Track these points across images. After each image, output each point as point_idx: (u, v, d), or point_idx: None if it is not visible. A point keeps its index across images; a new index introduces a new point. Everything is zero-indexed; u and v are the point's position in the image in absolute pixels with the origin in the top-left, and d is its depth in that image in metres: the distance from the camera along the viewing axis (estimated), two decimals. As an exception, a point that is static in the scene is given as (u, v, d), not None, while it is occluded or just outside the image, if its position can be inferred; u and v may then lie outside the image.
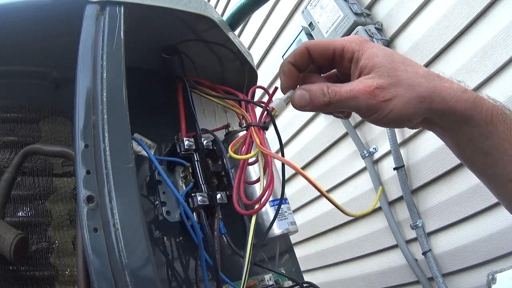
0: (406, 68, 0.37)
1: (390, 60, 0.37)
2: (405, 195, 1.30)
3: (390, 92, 0.35)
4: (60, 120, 0.59)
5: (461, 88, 0.37)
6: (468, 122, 0.37)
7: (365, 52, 0.37)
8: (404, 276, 1.40)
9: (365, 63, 0.37)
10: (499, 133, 0.37)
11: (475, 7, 1.03)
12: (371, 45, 0.38)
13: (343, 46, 0.38)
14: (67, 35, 0.42)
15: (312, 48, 0.39)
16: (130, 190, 0.35)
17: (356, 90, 0.36)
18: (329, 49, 0.39)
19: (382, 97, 0.35)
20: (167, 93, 0.64)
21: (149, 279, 0.33)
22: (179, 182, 0.59)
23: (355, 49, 0.38)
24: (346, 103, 0.37)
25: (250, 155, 0.42)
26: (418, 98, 0.36)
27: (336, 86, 0.37)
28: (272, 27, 1.80)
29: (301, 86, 0.39)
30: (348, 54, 0.38)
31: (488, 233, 1.09)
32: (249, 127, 0.42)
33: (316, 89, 0.37)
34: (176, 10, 0.51)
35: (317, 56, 0.39)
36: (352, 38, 0.39)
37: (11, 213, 0.52)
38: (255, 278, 0.59)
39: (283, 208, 0.58)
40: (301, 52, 0.39)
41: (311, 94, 0.37)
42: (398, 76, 0.36)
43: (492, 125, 0.37)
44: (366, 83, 0.36)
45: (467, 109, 0.36)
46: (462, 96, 0.36)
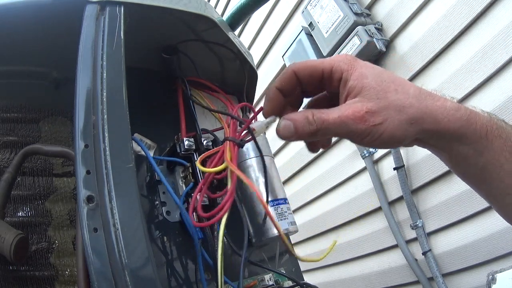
0: (396, 88, 0.35)
1: (379, 80, 0.36)
2: (405, 195, 1.30)
3: (380, 116, 0.34)
4: (60, 120, 0.59)
5: (454, 106, 0.36)
6: (461, 140, 0.36)
7: (353, 72, 0.36)
8: (404, 276, 1.40)
9: (353, 84, 0.36)
10: (495, 148, 0.36)
11: (475, 7, 1.03)
12: (360, 65, 0.37)
13: (332, 66, 0.37)
14: (67, 35, 0.42)
15: (300, 70, 0.38)
16: (130, 190, 0.35)
17: (345, 116, 0.35)
18: (317, 70, 0.38)
19: (372, 121, 0.34)
20: (167, 93, 0.64)
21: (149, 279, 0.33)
22: (179, 182, 0.59)
23: (343, 69, 0.37)
24: (334, 130, 0.36)
25: (215, 169, 0.42)
26: (409, 120, 0.35)
27: (322, 113, 0.36)
28: (272, 27, 1.80)
29: (285, 116, 0.37)
30: (336, 74, 0.37)
31: (488, 233, 1.09)
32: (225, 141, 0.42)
33: (300, 119, 0.36)
34: (176, 10, 0.51)
35: (306, 78, 0.38)
36: (340, 57, 0.38)
37: (11, 213, 0.52)
38: (255, 278, 0.58)
39: (283, 208, 0.58)
40: (288, 76, 0.38)
41: (296, 124, 0.36)
42: (388, 98, 0.35)
43: (487, 141, 0.36)
44: (355, 108, 0.35)
45: (460, 128, 0.35)
46: (455, 114, 0.35)
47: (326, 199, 1.72)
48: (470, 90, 1.08)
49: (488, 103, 1.05)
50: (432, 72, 1.19)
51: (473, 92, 1.08)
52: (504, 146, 0.36)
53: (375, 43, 1.24)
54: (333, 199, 1.67)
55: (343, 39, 1.31)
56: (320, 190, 1.72)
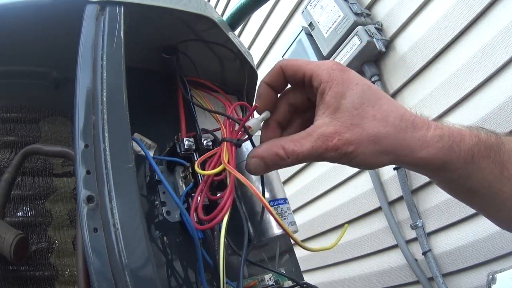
0: (374, 114, 0.34)
1: (357, 103, 0.34)
2: (405, 195, 1.30)
3: (351, 144, 0.33)
4: (60, 120, 0.59)
5: (436, 134, 0.34)
6: (444, 168, 0.35)
7: (332, 87, 0.34)
8: (404, 276, 1.40)
9: (330, 101, 0.34)
10: (482, 170, 0.35)
11: (475, 7, 1.03)
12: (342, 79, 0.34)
13: (312, 72, 0.35)
14: (67, 35, 0.42)
15: (286, 67, 0.37)
16: (130, 190, 0.35)
17: (318, 146, 0.33)
18: (300, 71, 0.36)
19: (344, 149, 0.33)
20: (167, 93, 0.64)
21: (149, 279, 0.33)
22: (179, 182, 0.59)
23: (323, 79, 0.35)
24: (309, 159, 0.35)
25: (212, 172, 0.42)
26: (382, 152, 0.34)
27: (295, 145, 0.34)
28: (272, 27, 1.80)
29: (252, 153, 0.36)
30: (315, 83, 0.35)
31: (488, 233, 1.09)
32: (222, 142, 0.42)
33: (269, 155, 0.35)
34: (176, 10, 0.51)
35: (290, 77, 0.38)
36: (326, 65, 0.35)
37: (11, 213, 0.52)
38: (255, 278, 0.59)
39: (283, 208, 0.58)
40: (276, 71, 0.38)
41: (266, 161, 0.35)
42: (363, 125, 0.33)
43: (473, 164, 0.35)
44: (327, 135, 0.33)
45: (442, 157, 0.34)
46: (435, 145, 0.34)
47: (326, 199, 1.72)
48: (470, 90, 1.08)
49: (488, 103, 1.05)
50: (432, 72, 1.19)
51: (473, 92, 1.08)
52: (493, 164, 0.35)
53: (375, 43, 1.24)
54: (333, 199, 1.67)
55: (343, 39, 1.31)
56: (320, 190, 1.72)
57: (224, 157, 0.40)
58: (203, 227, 0.43)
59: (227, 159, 0.40)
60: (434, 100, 1.19)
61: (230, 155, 0.41)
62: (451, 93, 1.13)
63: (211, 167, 0.43)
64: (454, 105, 1.13)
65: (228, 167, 0.40)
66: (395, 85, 1.30)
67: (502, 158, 0.36)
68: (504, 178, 0.36)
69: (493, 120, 1.04)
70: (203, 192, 0.44)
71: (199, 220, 0.44)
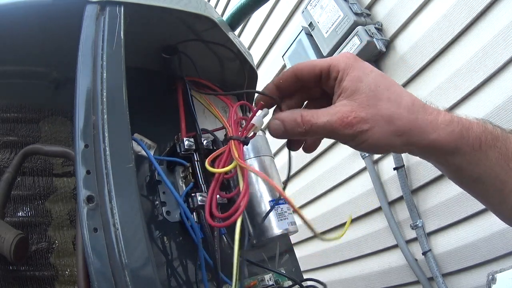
0: (389, 96, 0.35)
1: (373, 86, 0.35)
2: (405, 195, 1.30)
3: (367, 123, 0.34)
4: (60, 120, 0.59)
5: (446, 119, 0.36)
6: (453, 153, 0.36)
7: (349, 73, 0.36)
8: (404, 276, 1.40)
9: (347, 85, 0.36)
10: (489, 159, 0.36)
11: (475, 7, 1.03)
12: (358, 66, 0.36)
13: (329, 64, 0.37)
14: (67, 35, 0.42)
15: (299, 70, 0.39)
16: (130, 190, 0.35)
17: (333, 121, 0.35)
18: (316, 68, 0.38)
19: (359, 127, 0.34)
20: (167, 93, 0.64)
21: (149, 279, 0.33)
22: (179, 182, 0.59)
23: (340, 67, 0.37)
24: (322, 132, 0.36)
25: (225, 169, 0.42)
26: (396, 132, 0.35)
27: (312, 116, 0.36)
28: (272, 27, 1.80)
29: (275, 116, 0.38)
30: (333, 73, 0.37)
31: (488, 233, 1.09)
32: (229, 140, 0.43)
33: (289, 120, 0.37)
34: (176, 10, 0.51)
35: (305, 76, 0.39)
36: (341, 56, 0.38)
37: (11, 213, 0.52)
38: (255, 278, 0.59)
39: (283, 208, 0.58)
40: (287, 76, 0.39)
41: (285, 124, 0.37)
42: (378, 105, 0.35)
43: (481, 152, 0.36)
44: (343, 112, 0.35)
45: (451, 141, 0.35)
46: (446, 128, 0.35)
47: (326, 199, 1.72)
48: (470, 90, 1.08)
49: (488, 103, 1.05)
50: (432, 72, 1.19)
51: (473, 92, 1.08)
52: (499, 155, 0.36)
53: (375, 43, 1.24)
54: (333, 199, 1.67)
55: (343, 39, 1.31)
56: (320, 190, 1.72)
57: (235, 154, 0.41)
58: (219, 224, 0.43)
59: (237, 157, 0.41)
60: (434, 100, 1.18)
61: (239, 152, 0.42)
62: (451, 93, 1.13)
63: (221, 165, 0.43)
64: (454, 105, 1.13)
65: (242, 163, 0.40)
66: (395, 85, 1.30)
67: (507, 150, 0.36)
68: (510, 170, 0.36)
69: (493, 120, 1.03)
70: (215, 191, 0.44)
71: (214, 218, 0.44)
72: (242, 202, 0.41)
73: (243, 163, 0.41)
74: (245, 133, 0.43)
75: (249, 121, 0.42)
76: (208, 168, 0.43)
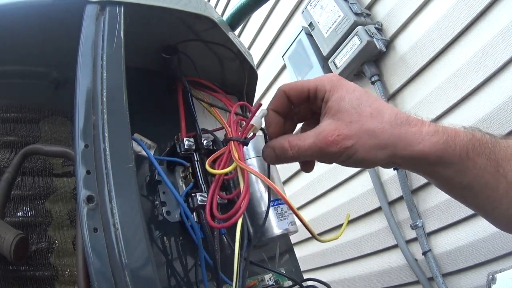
0: (371, 112, 0.36)
1: (356, 104, 0.37)
2: (405, 195, 1.30)
3: (351, 139, 0.36)
4: (60, 120, 0.59)
5: (430, 130, 0.36)
6: (440, 164, 0.36)
7: (334, 93, 0.38)
8: (404, 276, 1.40)
9: (331, 105, 0.37)
10: (478, 166, 0.36)
11: (475, 7, 1.03)
12: (342, 86, 0.38)
13: (316, 86, 0.39)
14: (67, 35, 0.42)
15: (288, 90, 0.40)
16: (130, 190, 0.35)
17: (318, 141, 0.36)
18: (303, 90, 0.40)
19: (343, 144, 0.36)
20: (167, 93, 0.64)
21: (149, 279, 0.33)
22: (179, 182, 0.59)
23: (327, 89, 0.38)
24: (310, 154, 0.37)
25: (225, 170, 0.43)
26: (379, 146, 0.36)
27: (298, 140, 0.38)
28: (272, 27, 1.80)
29: (267, 144, 0.40)
30: (320, 94, 0.39)
31: (488, 233, 1.09)
32: (229, 141, 0.43)
33: (278, 146, 0.39)
34: (176, 10, 0.51)
35: (295, 97, 0.40)
36: (326, 77, 0.39)
37: (11, 213, 0.52)
38: (255, 278, 0.59)
39: (283, 208, 0.58)
40: (280, 96, 0.41)
41: (276, 151, 0.39)
42: (361, 122, 0.36)
43: (468, 160, 0.36)
44: (328, 131, 0.36)
45: (437, 151, 0.36)
46: (430, 139, 0.36)
47: (326, 199, 1.72)
48: (470, 90, 1.08)
49: (488, 103, 1.05)
50: (432, 72, 1.19)
51: (473, 92, 1.08)
52: (488, 161, 0.36)
53: (375, 43, 1.24)
54: (333, 199, 1.67)
55: (343, 39, 1.31)
56: (320, 190, 1.72)
57: (235, 155, 0.41)
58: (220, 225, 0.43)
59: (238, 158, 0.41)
60: (434, 100, 1.19)
61: (239, 153, 0.42)
62: (451, 93, 1.13)
63: (221, 166, 0.44)
64: (454, 105, 1.13)
65: (242, 164, 0.40)
66: (395, 85, 1.30)
67: (496, 156, 0.37)
68: (500, 176, 0.36)
69: (493, 120, 1.04)
70: (216, 192, 0.44)
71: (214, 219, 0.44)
72: (243, 203, 0.41)
73: (243, 165, 0.41)
74: (244, 134, 0.43)
75: (248, 122, 0.42)
76: (208, 169, 0.43)
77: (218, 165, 0.45)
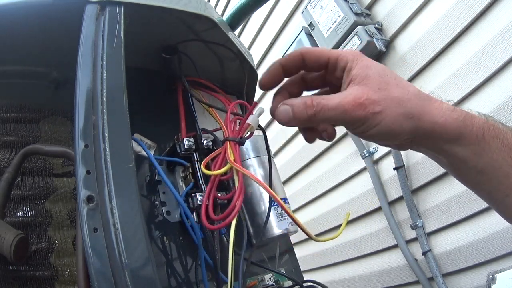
0: (397, 83, 0.36)
1: (382, 73, 0.37)
2: (405, 195, 1.30)
3: (379, 105, 0.35)
4: (60, 120, 0.59)
5: (450, 107, 0.37)
6: (459, 142, 0.36)
7: (358, 63, 0.37)
8: (404, 276, 1.40)
9: (357, 73, 0.37)
10: (492, 150, 0.36)
11: (475, 7, 1.03)
12: (366, 58, 0.38)
13: (338, 55, 0.38)
14: (67, 35, 0.42)
15: (307, 54, 0.39)
16: (130, 190, 0.35)
17: (345, 102, 0.35)
18: (323, 56, 0.39)
19: (372, 109, 0.35)
20: (167, 93, 0.64)
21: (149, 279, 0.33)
22: (179, 182, 0.59)
23: (349, 59, 0.38)
24: (333, 115, 0.36)
25: (219, 171, 0.42)
26: (407, 115, 0.35)
27: (322, 98, 0.36)
28: (272, 27, 1.80)
29: (284, 101, 0.38)
30: (341, 63, 0.38)
31: (488, 233, 1.09)
32: (225, 142, 0.43)
33: (299, 103, 0.37)
34: (176, 10, 0.51)
35: (311, 62, 0.39)
36: (347, 50, 0.39)
37: (11, 213, 0.52)
38: (255, 278, 0.59)
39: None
40: (294, 56, 0.39)
41: (294, 108, 0.37)
42: (389, 90, 0.36)
43: (484, 142, 0.36)
44: (355, 94, 0.35)
45: (457, 128, 0.36)
46: (451, 115, 0.36)
47: (326, 199, 1.72)
48: (470, 90, 1.08)
49: (488, 103, 1.05)
50: (432, 72, 1.19)
51: (473, 92, 1.08)
52: (502, 147, 0.36)
53: (375, 43, 1.24)
54: (333, 199, 1.67)
55: (343, 39, 1.31)
56: (320, 190, 1.72)
57: (230, 156, 0.41)
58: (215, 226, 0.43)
59: (232, 158, 0.41)
60: (434, 100, 1.19)
61: (234, 154, 0.41)
62: (451, 93, 1.13)
63: (216, 167, 0.43)
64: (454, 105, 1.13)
65: (235, 165, 0.40)
66: (395, 85, 1.30)
67: (510, 142, 0.37)
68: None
69: (493, 120, 1.04)
70: (212, 193, 0.44)
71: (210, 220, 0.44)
72: (236, 203, 0.40)
73: (236, 165, 0.40)
74: (241, 134, 0.43)
75: (244, 121, 0.41)
76: (203, 170, 0.43)
77: (214, 166, 0.45)
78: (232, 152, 0.42)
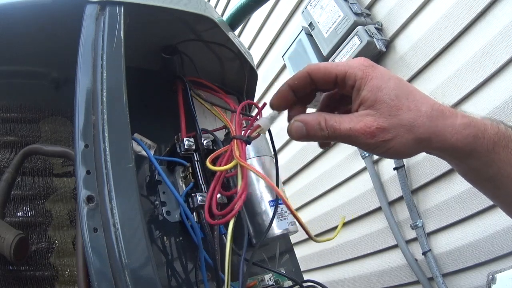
0: (409, 105, 0.36)
1: (393, 96, 0.36)
2: (405, 195, 1.30)
3: (389, 133, 0.35)
4: (60, 120, 0.59)
5: (463, 123, 0.36)
6: (469, 156, 0.37)
7: (368, 82, 0.36)
8: (404, 276, 1.40)
9: (367, 96, 0.36)
10: (501, 159, 0.37)
11: (475, 7, 1.03)
12: (376, 74, 0.37)
13: (345, 71, 0.37)
14: (67, 35, 0.42)
15: (314, 72, 0.39)
16: (130, 190, 0.35)
17: (356, 130, 0.35)
18: (331, 74, 0.38)
19: (382, 137, 0.35)
20: (167, 93, 0.64)
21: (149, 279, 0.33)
22: (179, 182, 0.59)
23: (358, 76, 0.37)
24: (344, 140, 0.37)
25: (225, 167, 0.42)
26: (417, 140, 0.36)
27: (335, 121, 0.36)
28: (272, 27, 1.80)
29: (297, 117, 0.38)
30: (350, 81, 0.37)
31: (488, 233, 1.09)
32: (232, 140, 0.43)
33: (313, 122, 0.37)
34: (176, 10, 0.51)
35: (319, 81, 0.39)
36: (356, 62, 0.38)
37: (11, 213, 0.52)
38: (255, 278, 0.59)
39: (283, 208, 0.58)
40: (302, 76, 0.39)
41: (308, 128, 0.37)
42: (399, 115, 0.35)
43: (494, 153, 0.37)
44: (366, 122, 0.35)
45: (468, 144, 0.36)
46: (463, 132, 0.36)
47: (326, 199, 1.72)
48: (470, 90, 1.08)
49: (488, 103, 1.05)
50: (432, 72, 1.19)
51: (473, 92, 1.08)
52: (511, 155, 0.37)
53: (375, 43, 1.24)
54: (333, 199, 1.67)
55: (343, 39, 1.31)
56: (320, 190, 1.72)
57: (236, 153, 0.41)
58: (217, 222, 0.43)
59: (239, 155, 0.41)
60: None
61: (241, 152, 0.42)
62: (451, 93, 1.13)
63: (222, 164, 0.44)
64: (454, 105, 1.13)
65: (241, 161, 0.40)
66: (395, 85, 1.30)
67: None
68: None
69: (493, 120, 1.04)
70: (217, 189, 0.44)
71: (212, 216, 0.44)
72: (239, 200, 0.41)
73: (244, 162, 0.41)
74: (248, 133, 0.43)
75: (253, 121, 0.42)
76: (208, 166, 0.43)
77: (220, 163, 0.45)
78: (239, 150, 0.42)
